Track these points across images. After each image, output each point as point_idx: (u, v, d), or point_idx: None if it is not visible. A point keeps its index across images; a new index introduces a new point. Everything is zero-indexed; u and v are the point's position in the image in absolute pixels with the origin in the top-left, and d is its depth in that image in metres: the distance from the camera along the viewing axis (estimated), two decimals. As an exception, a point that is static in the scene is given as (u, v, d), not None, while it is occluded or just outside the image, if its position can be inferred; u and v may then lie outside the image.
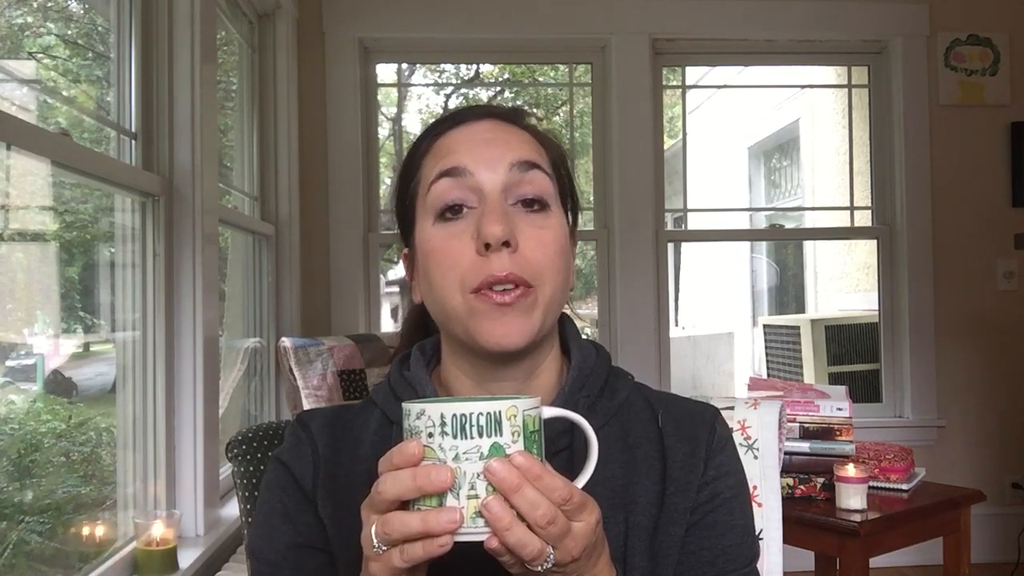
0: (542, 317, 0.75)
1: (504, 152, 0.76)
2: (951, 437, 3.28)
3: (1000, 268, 3.31)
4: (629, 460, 0.79)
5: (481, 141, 0.77)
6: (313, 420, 0.83)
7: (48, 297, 1.77)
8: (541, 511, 0.58)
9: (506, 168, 0.75)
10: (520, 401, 0.61)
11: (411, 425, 0.60)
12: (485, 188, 0.75)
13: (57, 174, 1.60)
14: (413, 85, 4.85)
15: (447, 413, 0.59)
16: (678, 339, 6.31)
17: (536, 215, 0.76)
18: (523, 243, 0.74)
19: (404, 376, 0.82)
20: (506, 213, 0.74)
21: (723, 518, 0.79)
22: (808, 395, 2.07)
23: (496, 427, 0.59)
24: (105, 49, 1.89)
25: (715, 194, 6.57)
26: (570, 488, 0.60)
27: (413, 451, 0.58)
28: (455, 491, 0.58)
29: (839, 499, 1.95)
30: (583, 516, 0.61)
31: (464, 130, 0.80)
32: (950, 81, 3.29)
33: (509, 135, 0.79)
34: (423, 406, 0.60)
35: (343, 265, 3.08)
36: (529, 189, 0.76)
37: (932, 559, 2.61)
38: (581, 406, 0.79)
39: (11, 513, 1.50)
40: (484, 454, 0.58)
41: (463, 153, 0.76)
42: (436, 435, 0.59)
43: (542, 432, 0.62)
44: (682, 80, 3.80)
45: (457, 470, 0.58)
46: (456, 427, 0.58)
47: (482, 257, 0.73)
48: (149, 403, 1.83)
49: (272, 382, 2.75)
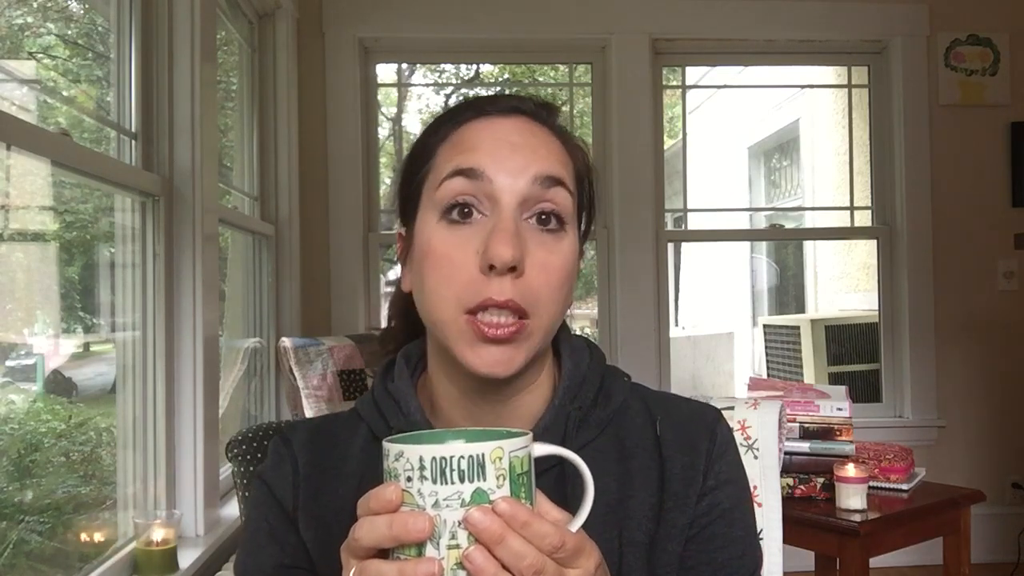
0: (534, 348, 0.70)
1: (529, 162, 0.70)
2: (951, 437, 3.28)
3: (1000, 268, 3.30)
4: (624, 472, 0.75)
5: (506, 143, 0.71)
6: (295, 435, 0.79)
7: (48, 297, 1.77)
8: (528, 561, 0.53)
9: (528, 180, 0.69)
10: (506, 441, 0.55)
11: (389, 467, 0.56)
12: (502, 199, 0.69)
13: (57, 174, 1.60)
14: (413, 85, 4.85)
15: (426, 456, 0.54)
16: (678, 339, 6.31)
17: (549, 235, 0.70)
18: (529, 268, 0.68)
19: (388, 390, 0.78)
20: (518, 234, 0.68)
21: (722, 530, 0.76)
22: (808, 395, 2.07)
23: (479, 471, 0.54)
24: (105, 49, 1.89)
25: (715, 194, 6.56)
26: (562, 534, 0.55)
27: (390, 497, 0.54)
28: (434, 540, 0.54)
29: (839, 499, 1.95)
30: (579, 562, 0.56)
31: (489, 125, 0.73)
32: (950, 81, 3.29)
33: (537, 140, 0.72)
34: (401, 448, 0.55)
35: (343, 265, 3.08)
36: (548, 206, 0.70)
37: (932, 559, 2.61)
38: (573, 418, 0.75)
39: (11, 513, 1.50)
40: (466, 501, 0.54)
41: (484, 153, 0.70)
42: (415, 479, 0.54)
43: (532, 472, 0.57)
44: (682, 80, 3.80)
45: (437, 518, 0.54)
46: (436, 472, 0.54)
47: (483, 276, 0.67)
48: (149, 403, 1.83)
49: (272, 382, 2.75)
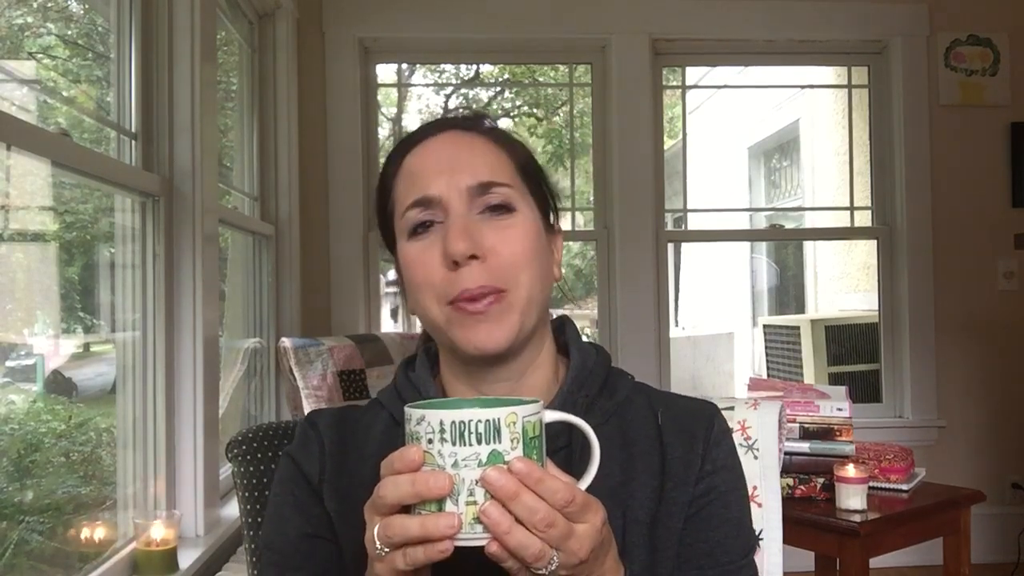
0: (520, 317, 0.77)
1: (462, 174, 0.78)
2: (951, 437, 3.28)
3: (1000, 268, 3.30)
4: (627, 458, 0.81)
5: (443, 158, 0.79)
6: (321, 419, 0.86)
7: (48, 297, 1.77)
8: (540, 515, 0.58)
9: (465, 191, 0.77)
10: (520, 407, 0.60)
11: (411, 430, 0.61)
12: (450, 205, 0.77)
13: (57, 174, 1.60)
14: (413, 85, 4.85)
15: (446, 420, 0.59)
16: (678, 339, 6.31)
17: (501, 217, 0.78)
18: (490, 249, 0.75)
19: (409, 378, 0.85)
20: (467, 228, 0.75)
21: (719, 511, 0.81)
22: (808, 395, 2.07)
23: (495, 434, 0.59)
24: (105, 49, 1.89)
25: (715, 194, 6.56)
26: (572, 490, 0.60)
27: (413, 456, 0.59)
28: (454, 497, 0.58)
29: (839, 499, 1.95)
30: (587, 517, 0.61)
31: (425, 148, 0.81)
32: (950, 81, 3.29)
33: (470, 149, 0.80)
34: (423, 412, 0.60)
35: (343, 265, 3.08)
36: (492, 199, 0.78)
37: (932, 559, 2.61)
38: (580, 406, 0.80)
39: (11, 513, 1.50)
40: (483, 461, 0.58)
41: (427, 177, 0.78)
42: (435, 441, 0.59)
43: (543, 437, 0.62)
44: (682, 80, 3.80)
45: (456, 476, 0.58)
46: (455, 434, 0.58)
47: (452, 272, 0.75)
48: (149, 403, 1.83)
49: (272, 382, 2.75)
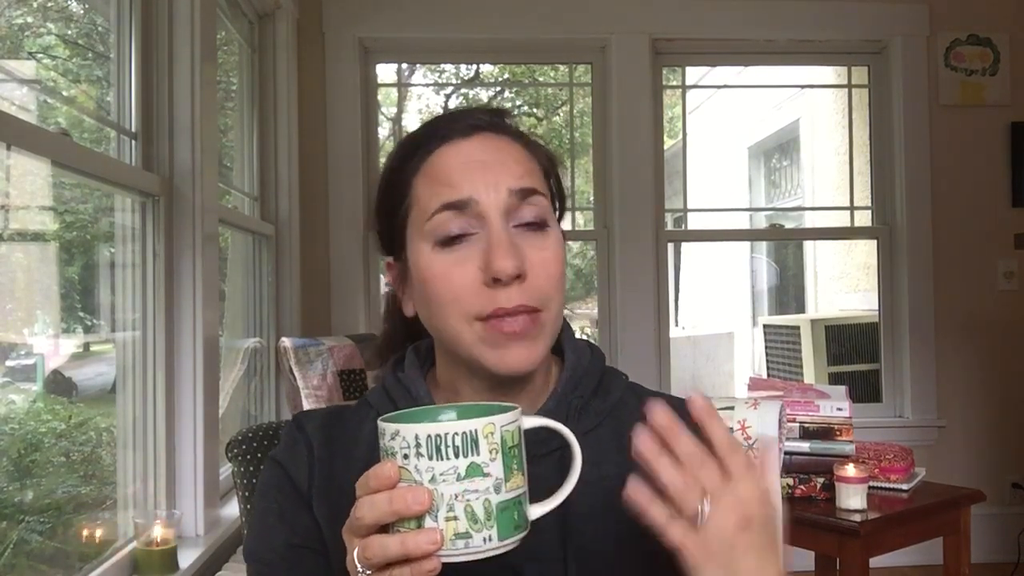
0: (549, 339, 0.76)
1: (503, 177, 0.75)
2: (951, 437, 3.28)
3: (1000, 268, 3.30)
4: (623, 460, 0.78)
5: (478, 165, 0.75)
6: (309, 421, 0.83)
7: (48, 297, 1.77)
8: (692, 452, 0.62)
9: (505, 194, 0.74)
10: (497, 417, 0.58)
11: (386, 445, 0.58)
12: (488, 215, 0.73)
13: (57, 174, 1.60)
14: (413, 85, 4.85)
15: (421, 435, 0.56)
16: (678, 339, 6.31)
17: (538, 235, 0.75)
18: (530, 270, 0.73)
19: (399, 378, 0.81)
20: (513, 244, 0.73)
21: None
22: (808, 395, 2.07)
23: (472, 446, 0.56)
24: (105, 49, 1.89)
25: (715, 194, 6.56)
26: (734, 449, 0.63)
27: (389, 474, 0.57)
28: (433, 513, 0.56)
29: (839, 499, 1.95)
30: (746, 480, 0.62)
31: (455, 149, 0.77)
32: (950, 81, 3.29)
33: (503, 153, 0.77)
34: (396, 427, 0.57)
35: (343, 265, 3.08)
36: (529, 212, 0.75)
37: (932, 559, 2.61)
38: (574, 407, 0.79)
39: (11, 513, 1.50)
40: (461, 475, 0.56)
41: (462, 179, 0.74)
42: (412, 456, 0.56)
43: (522, 444, 0.60)
44: (682, 80, 3.81)
45: (434, 492, 0.56)
46: (431, 448, 0.56)
47: (489, 288, 0.72)
48: (149, 403, 1.83)
49: (272, 382, 2.75)
